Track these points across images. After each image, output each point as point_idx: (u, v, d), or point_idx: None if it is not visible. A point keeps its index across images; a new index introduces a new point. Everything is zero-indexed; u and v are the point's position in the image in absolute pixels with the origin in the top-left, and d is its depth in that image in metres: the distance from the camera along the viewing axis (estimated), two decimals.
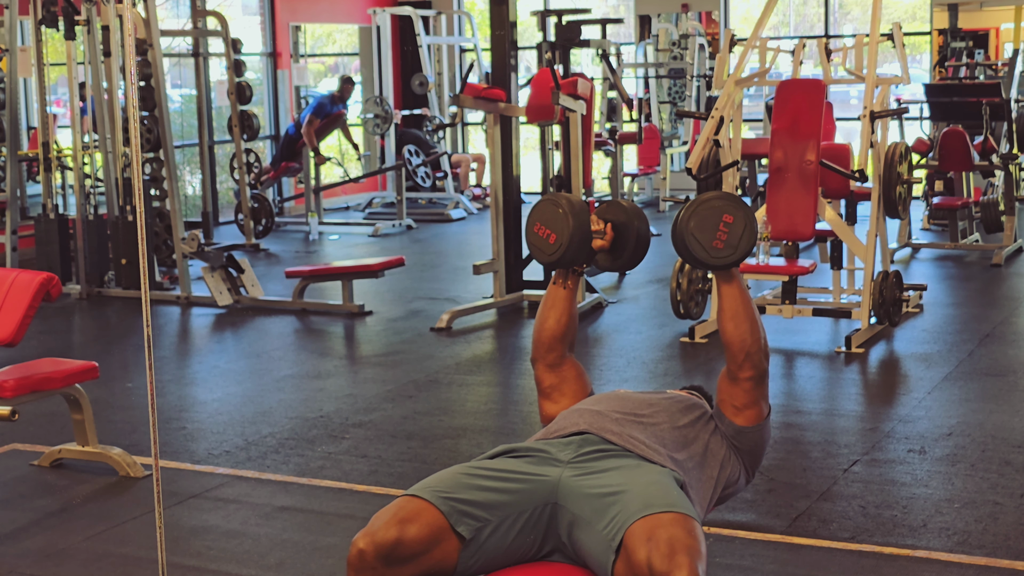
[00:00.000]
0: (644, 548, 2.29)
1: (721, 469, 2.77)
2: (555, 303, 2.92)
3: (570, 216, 2.79)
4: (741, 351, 2.72)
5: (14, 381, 4.21)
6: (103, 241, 8.27)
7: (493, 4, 7.61)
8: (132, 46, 4.45)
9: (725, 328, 2.73)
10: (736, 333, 2.71)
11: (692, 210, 2.68)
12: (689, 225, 2.66)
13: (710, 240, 2.64)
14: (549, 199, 2.85)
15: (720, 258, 2.67)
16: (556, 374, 2.94)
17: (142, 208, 2.78)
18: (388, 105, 12.15)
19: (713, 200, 2.66)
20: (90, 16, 8.10)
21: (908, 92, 11.93)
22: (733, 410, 2.78)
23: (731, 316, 2.71)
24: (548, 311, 2.92)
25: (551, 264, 2.87)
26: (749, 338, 2.71)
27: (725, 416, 2.80)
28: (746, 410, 2.79)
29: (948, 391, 5.48)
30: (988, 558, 3.59)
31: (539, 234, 2.85)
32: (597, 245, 2.85)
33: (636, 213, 2.86)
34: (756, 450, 2.84)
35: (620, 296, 7.92)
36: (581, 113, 7.42)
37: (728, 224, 2.64)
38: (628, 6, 14.28)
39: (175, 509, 4.15)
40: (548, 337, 2.92)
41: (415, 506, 2.45)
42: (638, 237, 2.84)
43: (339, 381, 6.03)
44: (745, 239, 2.65)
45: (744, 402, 2.77)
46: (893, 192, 6.55)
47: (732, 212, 2.64)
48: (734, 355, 2.73)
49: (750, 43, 6.83)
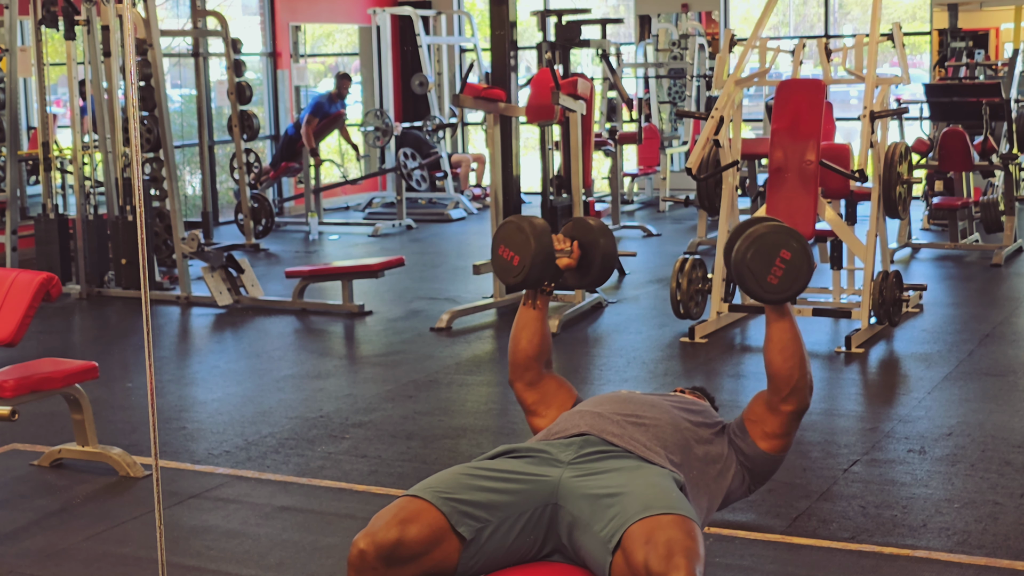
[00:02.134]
0: (642, 550, 2.29)
1: (722, 477, 2.77)
2: (526, 324, 2.96)
3: (532, 238, 2.83)
4: (787, 385, 2.73)
5: (14, 381, 4.21)
6: (103, 241, 8.27)
7: (493, 4, 7.61)
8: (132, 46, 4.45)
9: (773, 360, 2.72)
10: (784, 367, 2.71)
11: (751, 242, 2.65)
12: (746, 257, 2.64)
13: (765, 275, 2.63)
14: (511, 221, 2.88)
15: (773, 293, 2.66)
16: (536, 390, 2.98)
17: (142, 208, 2.78)
18: (388, 118, 12.14)
19: (773, 235, 2.64)
20: (90, 16, 8.10)
21: (908, 92, 11.93)
22: (762, 434, 2.79)
23: (780, 349, 2.71)
24: (520, 332, 2.97)
25: (517, 285, 2.92)
26: (797, 373, 2.72)
27: (750, 437, 2.79)
28: (776, 439, 2.81)
29: (948, 391, 5.48)
30: (988, 558, 3.59)
31: (503, 256, 2.90)
32: (564, 264, 2.90)
33: (602, 231, 2.90)
34: (767, 474, 2.87)
35: (620, 296, 7.92)
36: (581, 113, 7.42)
37: (785, 260, 2.63)
38: (628, 6, 14.28)
39: (175, 509, 4.15)
40: (523, 358, 2.97)
41: (416, 506, 2.45)
42: (604, 255, 2.88)
43: (339, 381, 6.03)
44: (801, 277, 2.64)
45: (778, 432, 2.80)
46: (893, 192, 6.55)
47: (791, 249, 2.63)
48: (779, 388, 2.74)
49: (750, 43, 6.83)
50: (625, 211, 11.80)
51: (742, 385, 5.85)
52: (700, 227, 9.62)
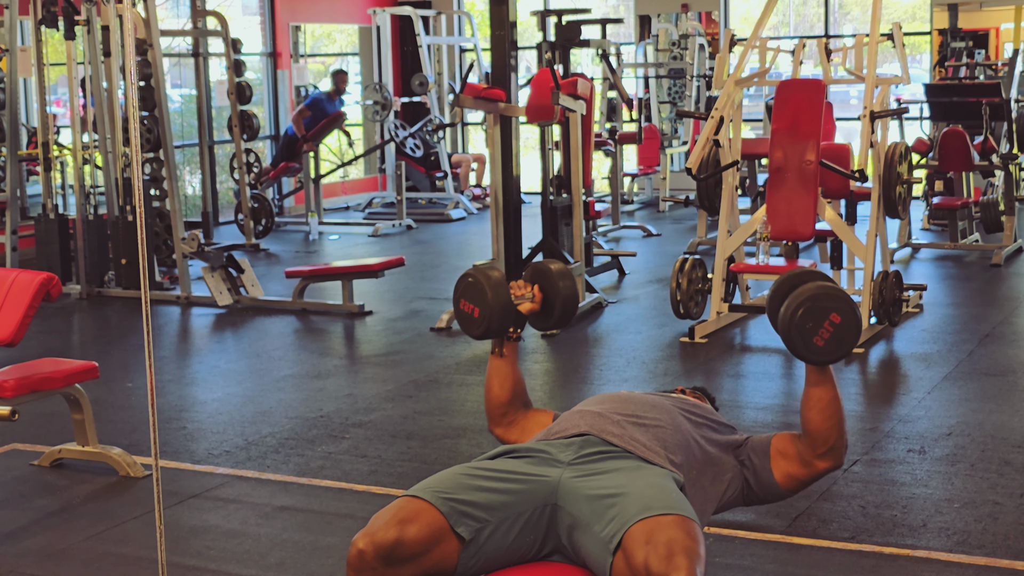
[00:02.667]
0: (642, 550, 2.29)
1: (720, 481, 2.77)
2: (495, 372, 3.01)
3: (488, 290, 2.87)
4: (825, 444, 2.73)
5: (14, 381, 4.21)
6: (103, 241, 8.27)
7: (493, 4, 7.61)
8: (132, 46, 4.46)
9: (812, 419, 2.71)
10: (824, 427, 2.71)
11: (801, 301, 2.63)
12: (796, 316, 2.63)
13: (811, 336, 2.62)
14: (468, 275, 2.92)
15: (819, 356, 2.65)
16: (516, 428, 3.02)
17: (142, 208, 2.78)
18: (387, 92, 12.15)
19: (825, 298, 2.62)
20: (90, 16, 8.10)
21: (908, 92, 11.93)
22: (785, 473, 2.79)
23: (820, 409, 2.70)
24: (491, 380, 3.01)
25: (480, 336, 2.96)
26: (835, 433, 2.72)
27: (771, 466, 2.79)
28: (797, 483, 2.81)
29: (948, 391, 5.48)
30: (988, 558, 3.59)
31: (464, 310, 2.94)
32: (527, 309, 2.95)
33: (561, 275, 2.94)
34: (768, 501, 2.88)
35: (620, 296, 7.92)
36: (581, 113, 7.42)
37: (834, 324, 2.61)
38: (628, 6, 14.28)
39: (175, 509, 4.15)
40: (497, 405, 3.02)
41: (415, 507, 2.45)
42: (564, 298, 2.93)
43: (339, 381, 6.03)
44: (849, 342, 2.63)
45: (801, 479, 2.80)
46: (893, 192, 6.55)
47: (841, 313, 2.61)
48: (815, 445, 2.74)
49: (750, 43, 6.83)
50: (625, 211, 11.80)
51: (742, 385, 5.85)
52: (700, 227, 9.62)
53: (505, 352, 2.99)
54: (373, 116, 12.32)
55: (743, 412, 5.24)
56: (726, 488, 2.77)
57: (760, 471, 2.80)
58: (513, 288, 2.95)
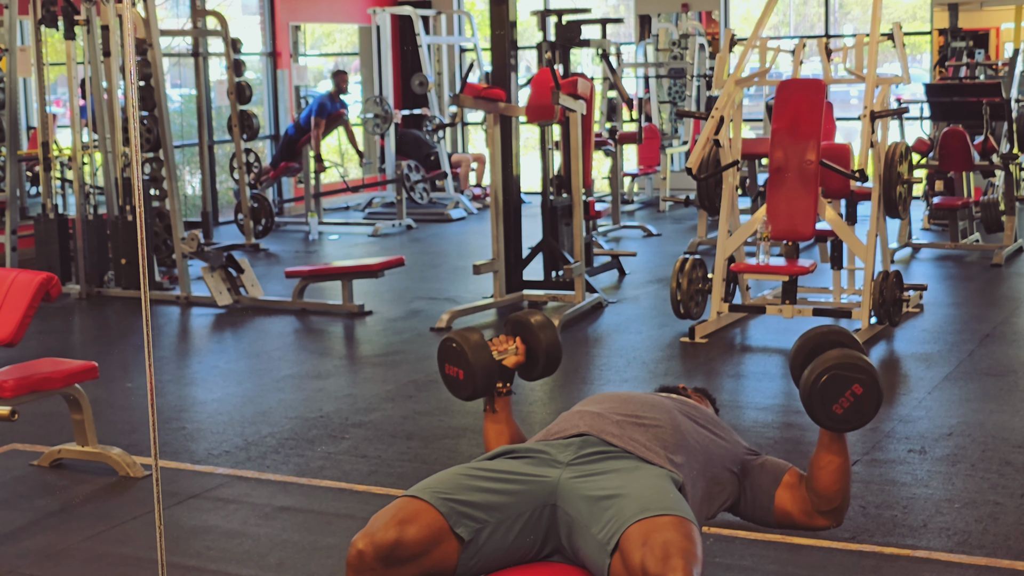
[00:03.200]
0: (639, 551, 2.28)
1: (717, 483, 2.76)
2: (491, 429, 3.01)
3: (467, 352, 2.89)
4: (828, 504, 2.74)
5: (14, 381, 4.21)
6: (103, 241, 8.27)
7: (493, 4, 7.61)
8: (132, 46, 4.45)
9: (819, 479, 2.72)
10: (831, 490, 2.71)
11: (825, 368, 2.62)
12: (819, 382, 2.62)
13: (832, 404, 2.61)
14: (447, 340, 2.94)
15: (837, 424, 2.64)
16: None
17: (142, 208, 2.77)
18: (388, 105, 12.15)
19: (850, 368, 2.61)
20: (90, 16, 8.10)
21: (908, 92, 11.93)
22: (782, 509, 2.78)
23: (829, 472, 2.70)
24: (488, 437, 3.01)
25: (469, 398, 2.97)
26: (840, 496, 2.73)
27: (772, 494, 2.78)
28: (788, 523, 2.81)
29: (948, 391, 5.48)
30: (988, 558, 3.59)
31: (449, 374, 2.95)
32: (512, 363, 2.97)
33: (541, 326, 2.96)
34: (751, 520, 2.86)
35: (620, 296, 7.92)
36: (581, 113, 7.42)
37: (856, 395, 2.60)
38: (628, 6, 14.28)
39: (175, 509, 4.15)
40: None
41: (414, 507, 2.45)
42: (547, 347, 2.95)
43: (339, 381, 6.02)
44: (869, 414, 2.63)
45: (796, 523, 2.80)
46: (893, 192, 6.55)
47: (864, 385, 2.60)
48: (820, 502, 2.74)
49: (750, 43, 6.83)
50: (625, 211, 11.80)
51: (742, 385, 5.85)
52: (700, 227, 9.62)
53: (497, 408, 3.00)
54: (374, 129, 12.30)
55: (743, 412, 5.24)
56: (724, 490, 2.77)
57: (760, 492, 2.79)
58: (496, 344, 2.97)
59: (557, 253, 7.55)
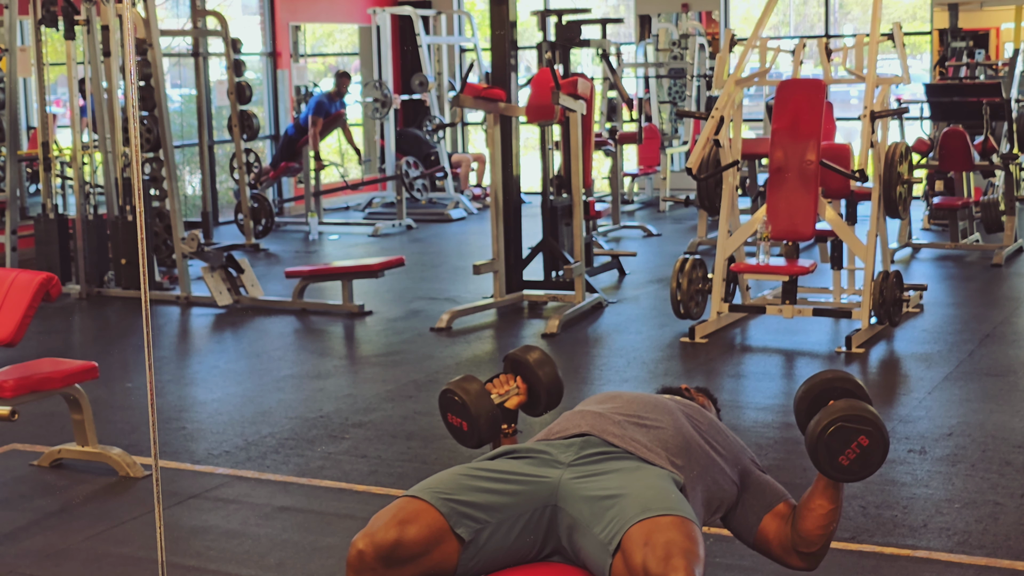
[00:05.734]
0: (640, 552, 2.28)
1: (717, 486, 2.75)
2: None
3: (469, 404, 2.87)
4: (808, 547, 2.74)
5: (14, 381, 4.21)
6: (103, 241, 8.27)
7: (493, 4, 7.61)
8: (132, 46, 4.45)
9: (806, 522, 2.71)
10: (815, 534, 2.71)
11: (833, 420, 2.61)
12: (826, 433, 2.61)
13: (837, 455, 2.61)
14: (446, 391, 2.92)
15: (841, 474, 2.64)
16: None
17: (142, 208, 2.77)
18: (387, 89, 12.15)
19: (857, 419, 2.60)
20: (90, 16, 8.10)
21: (908, 92, 11.93)
22: (763, 536, 2.79)
23: (817, 516, 2.70)
24: None
25: (476, 446, 2.95)
26: (822, 542, 2.72)
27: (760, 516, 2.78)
28: (763, 549, 2.81)
29: (948, 391, 5.48)
30: (988, 558, 3.59)
31: (453, 424, 2.94)
32: (515, 404, 2.96)
33: (540, 363, 2.95)
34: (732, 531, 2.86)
35: (620, 296, 7.92)
36: (581, 113, 7.42)
37: (862, 446, 2.60)
38: (628, 6, 14.28)
39: (175, 509, 4.15)
40: None
41: (415, 507, 2.45)
42: (548, 385, 2.94)
43: (339, 381, 6.02)
44: (873, 466, 2.62)
45: (771, 554, 2.80)
46: (893, 192, 6.55)
47: (871, 437, 2.60)
48: (800, 543, 2.74)
49: (750, 43, 6.83)
50: (625, 211, 11.80)
51: (742, 385, 5.85)
52: (700, 227, 9.62)
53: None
54: (373, 114, 12.33)
55: (743, 412, 5.24)
56: (724, 494, 2.76)
57: (751, 511, 2.79)
58: (496, 386, 2.96)
59: (557, 253, 7.55)
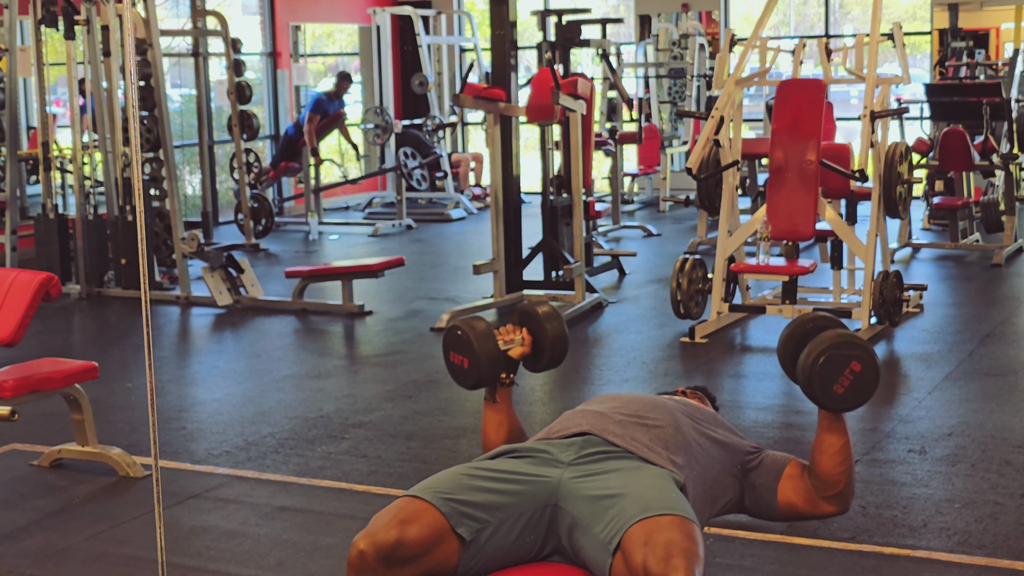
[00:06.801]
0: (640, 551, 2.28)
1: (719, 484, 2.76)
2: (490, 419, 3.00)
3: (473, 341, 2.86)
4: (833, 488, 2.74)
5: (14, 381, 4.21)
6: (103, 241, 8.27)
7: (493, 4, 7.61)
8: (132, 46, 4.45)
9: (822, 463, 2.72)
10: (834, 473, 2.72)
11: (823, 348, 2.63)
12: (817, 363, 2.62)
13: (832, 383, 2.62)
14: (453, 327, 2.91)
15: (838, 403, 2.65)
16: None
17: (142, 208, 2.77)
18: (388, 115, 12.14)
19: (847, 346, 2.62)
20: (90, 16, 8.10)
21: (908, 92, 11.93)
22: (787, 501, 2.78)
23: (831, 454, 2.71)
24: (486, 427, 3.00)
25: (472, 387, 2.95)
26: (844, 479, 2.73)
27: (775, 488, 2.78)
28: (795, 514, 2.80)
29: (948, 391, 5.48)
30: (988, 558, 3.59)
31: (454, 362, 2.93)
32: (517, 353, 2.95)
33: (549, 317, 2.94)
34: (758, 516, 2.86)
35: (620, 296, 7.92)
36: (581, 113, 7.42)
37: (855, 372, 2.61)
38: (628, 6, 14.28)
39: (175, 509, 4.15)
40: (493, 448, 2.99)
41: (415, 507, 2.45)
42: (554, 339, 2.93)
43: (339, 381, 6.02)
44: (868, 391, 2.63)
45: (804, 514, 2.79)
46: (893, 192, 6.55)
47: (862, 362, 2.61)
48: (823, 488, 2.74)
49: (750, 43, 6.83)
50: (625, 211, 11.80)
51: (742, 385, 5.85)
52: (700, 227, 9.62)
53: (499, 399, 2.99)
54: (374, 139, 12.29)
55: (743, 412, 5.24)
56: (726, 492, 2.77)
57: (763, 488, 2.79)
58: (502, 334, 2.95)
59: (557, 253, 7.55)
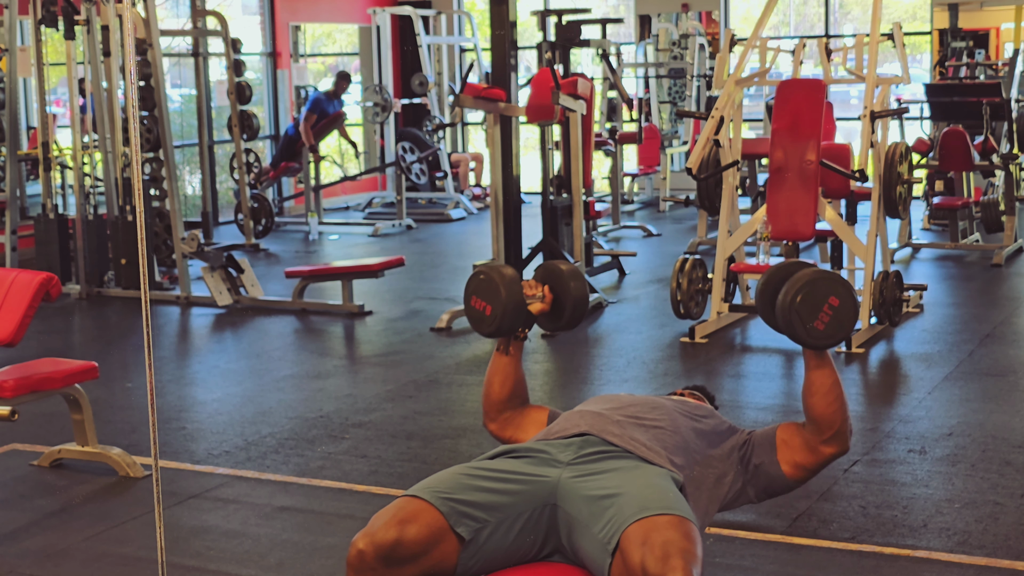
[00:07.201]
0: (639, 551, 2.28)
1: (721, 483, 2.75)
2: (498, 369, 2.99)
3: (502, 288, 2.86)
4: (830, 429, 2.74)
5: (14, 381, 4.21)
6: (103, 241, 8.27)
7: (493, 4, 7.60)
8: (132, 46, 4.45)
9: (815, 404, 2.72)
10: (828, 411, 2.72)
11: (799, 287, 2.64)
12: (795, 302, 2.63)
13: (811, 320, 2.63)
14: (481, 271, 2.92)
15: (820, 339, 2.66)
16: (512, 426, 2.99)
17: (142, 208, 2.77)
18: (387, 93, 12.15)
19: (822, 281, 2.63)
20: (90, 16, 8.10)
21: (908, 92, 11.93)
22: (792, 462, 2.79)
23: (823, 394, 2.71)
24: (493, 378, 3.00)
25: (491, 335, 2.95)
26: (839, 416, 2.73)
27: (777, 458, 2.78)
28: (804, 471, 2.81)
29: (948, 391, 5.48)
30: (988, 558, 3.59)
31: (476, 307, 2.93)
32: (537, 309, 2.93)
33: (572, 275, 2.93)
34: (777, 494, 2.87)
35: (620, 296, 7.92)
36: (581, 113, 7.42)
37: (833, 307, 2.62)
38: (628, 6, 14.28)
39: (175, 509, 4.15)
40: (496, 401, 3.00)
41: (415, 507, 2.45)
42: (575, 299, 2.91)
43: (339, 381, 6.02)
44: (848, 325, 2.64)
45: (809, 467, 2.79)
46: (893, 192, 6.55)
47: (839, 296, 2.63)
48: (821, 430, 2.75)
49: (750, 43, 6.83)
50: (625, 211, 11.80)
51: (742, 385, 5.85)
52: (700, 227, 9.62)
53: (511, 351, 2.98)
54: (373, 118, 12.33)
55: (743, 412, 5.24)
56: (727, 490, 2.77)
57: (765, 466, 2.79)
58: (524, 287, 2.94)
59: (557, 253, 7.54)
